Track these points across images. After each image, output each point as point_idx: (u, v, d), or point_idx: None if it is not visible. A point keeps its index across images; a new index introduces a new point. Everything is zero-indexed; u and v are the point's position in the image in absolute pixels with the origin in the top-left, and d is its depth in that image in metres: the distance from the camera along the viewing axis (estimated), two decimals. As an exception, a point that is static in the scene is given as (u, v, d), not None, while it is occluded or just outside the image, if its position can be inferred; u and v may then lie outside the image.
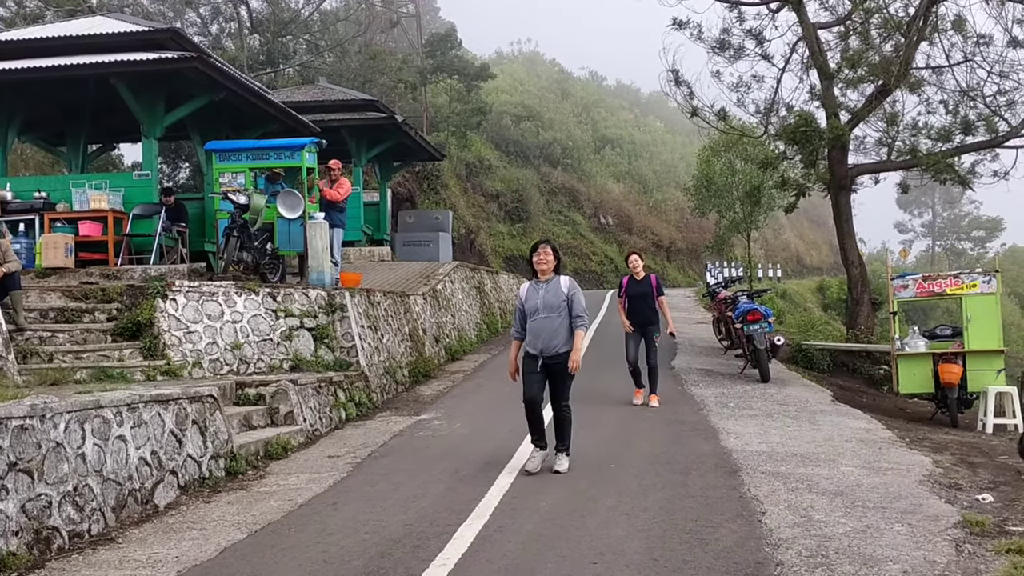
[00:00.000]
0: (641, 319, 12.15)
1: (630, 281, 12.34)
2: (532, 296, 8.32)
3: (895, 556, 5.65)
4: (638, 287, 12.21)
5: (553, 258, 8.34)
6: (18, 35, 16.39)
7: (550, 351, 8.15)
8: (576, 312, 8.18)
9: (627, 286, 12.32)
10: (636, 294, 12.17)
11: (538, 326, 8.21)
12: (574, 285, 8.38)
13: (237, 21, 35.73)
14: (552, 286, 8.27)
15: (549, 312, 8.16)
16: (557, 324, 8.15)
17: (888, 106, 20.74)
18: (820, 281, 48.53)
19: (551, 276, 8.33)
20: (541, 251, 8.36)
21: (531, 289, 8.39)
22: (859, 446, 9.43)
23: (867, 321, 20.15)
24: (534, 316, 8.24)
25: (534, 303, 8.27)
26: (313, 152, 15.17)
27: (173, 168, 30.47)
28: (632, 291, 12.23)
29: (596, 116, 56.91)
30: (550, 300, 8.19)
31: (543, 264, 8.30)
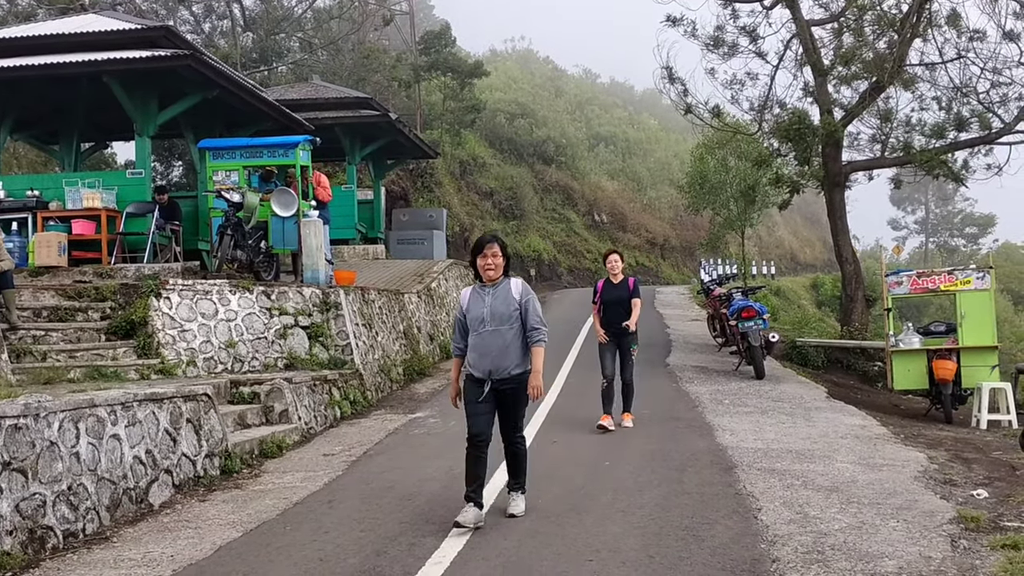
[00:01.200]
0: (617, 328, 10.39)
1: (606, 285, 10.67)
2: (476, 304, 6.69)
3: (891, 552, 5.65)
4: (615, 292, 10.54)
5: (502, 259, 6.69)
6: (10, 33, 16.32)
7: (500, 373, 6.54)
8: (532, 323, 6.59)
9: (602, 290, 10.65)
10: (612, 300, 10.51)
11: (484, 342, 6.58)
12: (527, 290, 6.75)
13: (230, 19, 35.66)
14: (501, 291, 6.64)
15: (498, 324, 6.56)
16: (508, 339, 6.56)
17: (882, 103, 20.77)
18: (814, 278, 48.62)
19: (500, 279, 6.72)
20: (488, 252, 6.66)
21: (474, 295, 6.76)
22: (854, 442, 9.45)
23: (861, 318, 20.19)
24: (479, 329, 6.61)
25: (478, 312, 6.63)
26: (307, 150, 15.16)
27: (166, 166, 30.38)
28: (608, 296, 10.56)
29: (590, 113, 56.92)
30: (499, 309, 6.59)
31: (490, 269, 6.66)
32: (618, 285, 10.58)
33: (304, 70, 34.22)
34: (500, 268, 6.67)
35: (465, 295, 6.84)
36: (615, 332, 10.40)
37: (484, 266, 6.64)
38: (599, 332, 10.52)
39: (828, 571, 5.32)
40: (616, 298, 10.49)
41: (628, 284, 10.55)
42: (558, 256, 38.68)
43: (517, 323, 6.58)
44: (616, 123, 57.38)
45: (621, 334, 10.37)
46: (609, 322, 10.44)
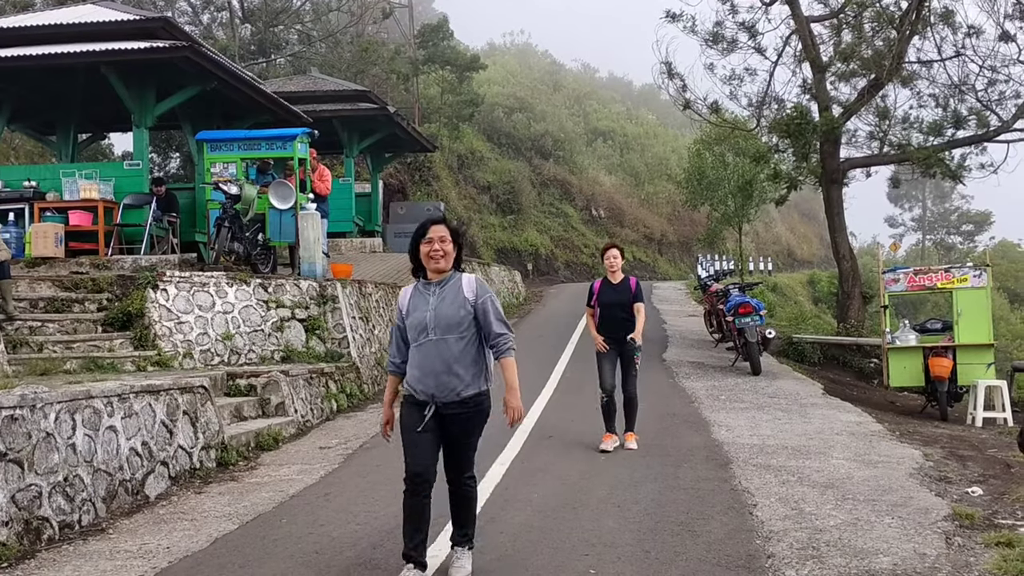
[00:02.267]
0: (615, 333, 9.03)
1: (603, 285, 9.27)
2: (418, 305, 5.24)
3: (885, 548, 5.67)
4: (614, 293, 9.13)
5: (453, 247, 5.22)
6: (7, 23, 16.26)
7: (447, 395, 5.13)
8: (494, 330, 5.17)
9: (599, 292, 9.24)
10: (611, 303, 9.10)
11: (427, 355, 5.15)
12: (484, 288, 5.28)
13: (228, 10, 35.55)
14: (449, 290, 5.22)
15: (444, 331, 5.12)
16: (458, 351, 5.13)
17: (880, 100, 20.77)
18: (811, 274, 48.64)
19: (448, 273, 5.28)
20: (434, 235, 5.20)
21: (416, 295, 5.30)
22: (850, 439, 9.47)
23: (858, 315, 20.21)
24: (420, 339, 5.18)
25: (420, 317, 5.19)
26: (305, 142, 15.14)
27: (163, 158, 30.31)
28: (606, 298, 9.15)
29: (588, 108, 56.87)
30: (446, 312, 5.15)
31: (438, 256, 5.19)
32: (618, 286, 9.15)
33: (302, 63, 34.18)
34: (449, 258, 5.18)
35: (404, 295, 5.32)
36: (615, 338, 9.02)
37: (429, 253, 5.16)
38: (597, 339, 9.12)
39: (823, 567, 5.33)
40: (615, 301, 9.06)
41: (630, 285, 9.12)
42: (555, 251, 38.68)
43: (471, 330, 5.13)
44: (614, 118, 57.36)
45: (621, 340, 8.96)
46: (607, 328, 9.10)
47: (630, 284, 9.22)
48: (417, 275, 5.34)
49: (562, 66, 68.02)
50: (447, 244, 5.16)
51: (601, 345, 9.09)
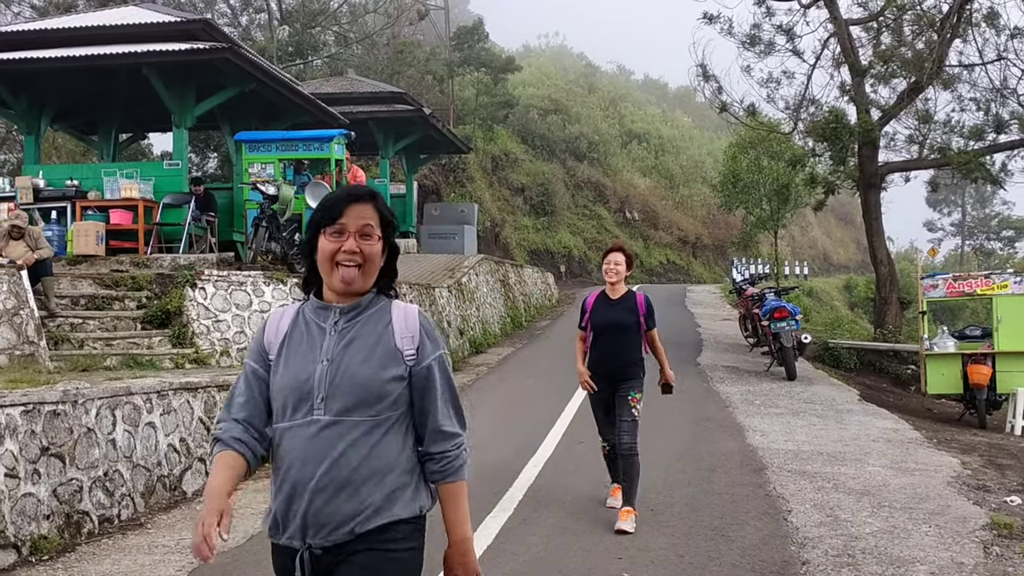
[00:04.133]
0: (611, 369, 6.67)
1: (599, 302, 6.86)
2: (299, 349, 2.70)
3: (922, 557, 5.62)
4: (611, 312, 6.72)
5: (379, 243, 2.72)
6: (51, 24, 16.54)
7: (333, 531, 2.60)
8: (439, 422, 2.70)
9: (593, 309, 6.84)
10: (608, 324, 6.70)
11: (307, 451, 2.59)
12: (433, 333, 2.76)
13: (267, 12, 35.89)
14: (367, 331, 2.69)
15: (346, 408, 2.59)
16: (368, 447, 2.59)
17: (920, 103, 20.53)
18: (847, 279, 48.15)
19: (367, 297, 2.74)
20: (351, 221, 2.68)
21: (299, 329, 2.75)
22: (886, 446, 9.38)
23: (895, 320, 19.99)
24: (298, 416, 2.62)
25: (302, 372, 2.64)
26: (342, 144, 15.26)
27: (202, 158, 30.68)
28: (601, 318, 6.75)
29: (623, 110, 56.65)
30: (355, 371, 2.61)
31: (352, 258, 2.67)
32: (618, 303, 6.74)
33: (339, 64, 34.42)
34: (372, 266, 2.72)
35: (274, 324, 2.81)
36: (606, 374, 6.65)
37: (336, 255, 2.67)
38: (583, 377, 6.78)
39: (858, 575, 5.29)
40: (613, 323, 6.67)
41: (636, 303, 6.72)
42: (588, 253, 38.60)
43: (397, 410, 2.66)
44: (649, 120, 57.10)
45: (618, 378, 6.63)
46: (598, 362, 6.71)
47: (636, 302, 6.70)
48: (309, 290, 2.79)
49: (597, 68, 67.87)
50: (372, 243, 2.65)
51: (588, 384, 6.73)
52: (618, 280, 6.74)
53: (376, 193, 2.80)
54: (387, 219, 2.78)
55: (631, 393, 6.59)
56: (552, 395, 12.32)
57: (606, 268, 6.76)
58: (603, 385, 6.71)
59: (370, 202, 2.75)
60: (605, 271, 6.78)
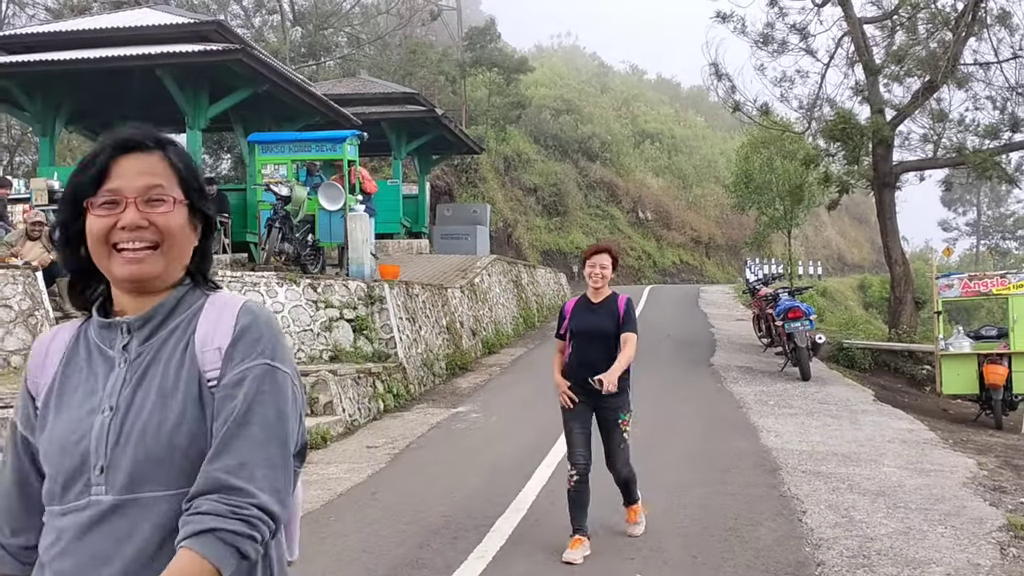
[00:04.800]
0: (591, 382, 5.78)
1: (579, 306, 6.22)
2: (75, 397, 1.69)
3: (938, 558, 5.58)
4: (592, 317, 6.06)
5: (177, 206, 1.71)
6: (65, 27, 16.63)
7: None
8: (226, 478, 1.55)
9: (572, 314, 6.19)
10: (587, 330, 6.03)
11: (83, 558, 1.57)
12: (266, 327, 1.71)
13: (279, 13, 36.02)
14: (171, 346, 1.68)
15: (134, 484, 1.59)
16: (173, 543, 1.52)
17: (934, 102, 20.43)
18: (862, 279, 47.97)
19: (176, 298, 1.73)
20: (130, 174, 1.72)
21: (75, 364, 1.72)
22: (901, 447, 9.32)
23: (910, 320, 19.90)
24: (68, 497, 1.62)
25: (75, 431, 1.64)
26: (354, 145, 15.28)
27: (215, 159, 30.81)
28: (581, 324, 6.08)
29: (636, 110, 56.63)
30: (149, 421, 1.61)
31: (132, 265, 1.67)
32: (599, 307, 6.09)
33: (352, 65, 34.51)
34: (170, 250, 1.71)
35: (43, 354, 1.77)
36: (589, 388, 5.82)
37: (115, 235, 1.67)
38: (561, 389, 6.00)
39: (874, 576, 5.26)
40: (593, 329, 6.00)
41: (617, 306, 6.04)
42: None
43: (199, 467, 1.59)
44: (662, 120, 57.04)
45: (601, 393, 5.76)
46: (578, 372, 5.92)
47: (618, 305, 6.04)
48: (85, 303, 1.80)
49: (610, 68, 67.91)
50: (165, 211, 1.72)
51: (566, 398, 5.95)
52: (602, 286, 6.07)
53: (164, 138, 1.85)
54: (186, 175, 1.77)
55: (620, 416, 5.91)
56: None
57: (590, 272, 6.08)
58: (583, 399, 5.93)
59: (155, 151, 1.79)
60: (589, 275, 6.08)
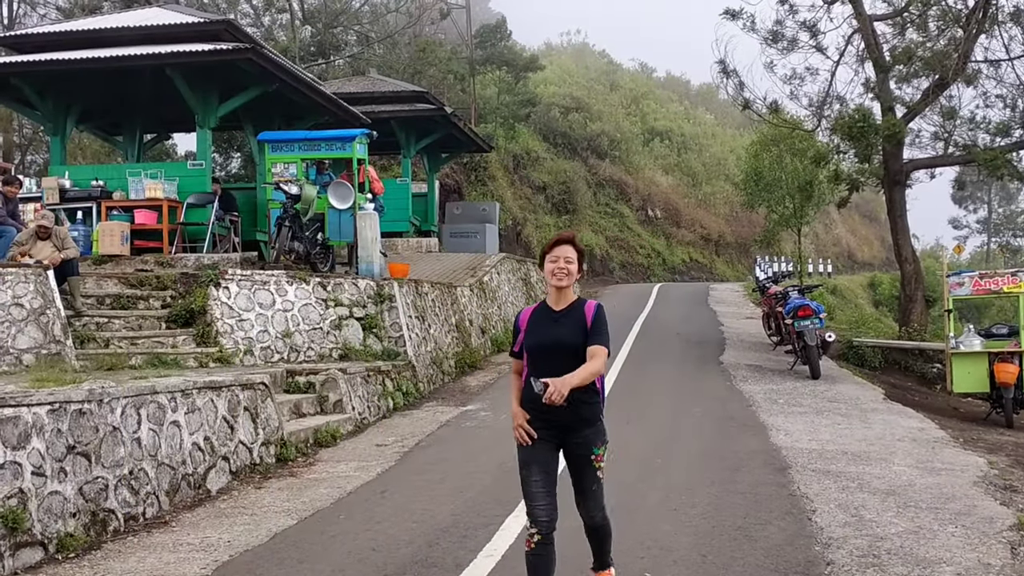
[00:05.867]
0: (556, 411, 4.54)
1: (538, 315, 4.87)
2: None
3: (948, 558, 5.56)
4: (555, 329, 4.74)
5: None
6: (76, 26, 16.68)
7: None
8: None
9: (529, 326, 4.85)
10: (548, 345, 4.73)
11: None
12: None
13: (289, 12, 36.05)
14: None
15: None
16: None
17: (945, 100, 20.35)
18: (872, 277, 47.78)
19: None
20: None
21: None
22: (912, 445, 9.29)
23: (920, 318, 19.83)
24: None
25: None
26: (364, 143, 15.29)
27: (225, 158, 30.86)
28: (539, 337, 4.78)
29: (645, 108, 56.47)
30: None
31: None
32: (563, 315, 4.77)
33: (361, 64, 34.52)
34: None
35: None
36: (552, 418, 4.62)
37: None
38: (517, 422, 4.72)
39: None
40: (556, 343, 4.69)
41: (584, 314, 4.74)
42: (610, 251, 38.53)
43: None
44: (672, 118, 56.89)
45: (570, 422, 4.67)
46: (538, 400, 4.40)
47: (585, 313, 4.74)
48: None
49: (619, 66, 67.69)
50: None
51: (522, 434, 4.67)
52: (567, 284, 4.75)
53: None
54: None
55: (593, 451, 4.73)
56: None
57: (552, 268, 4.76)
58: (545, 434, 4.64)
59: None
60: (551, 272, 4.77)
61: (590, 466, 4.82)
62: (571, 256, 4.80)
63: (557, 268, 4.77)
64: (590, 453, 4.80)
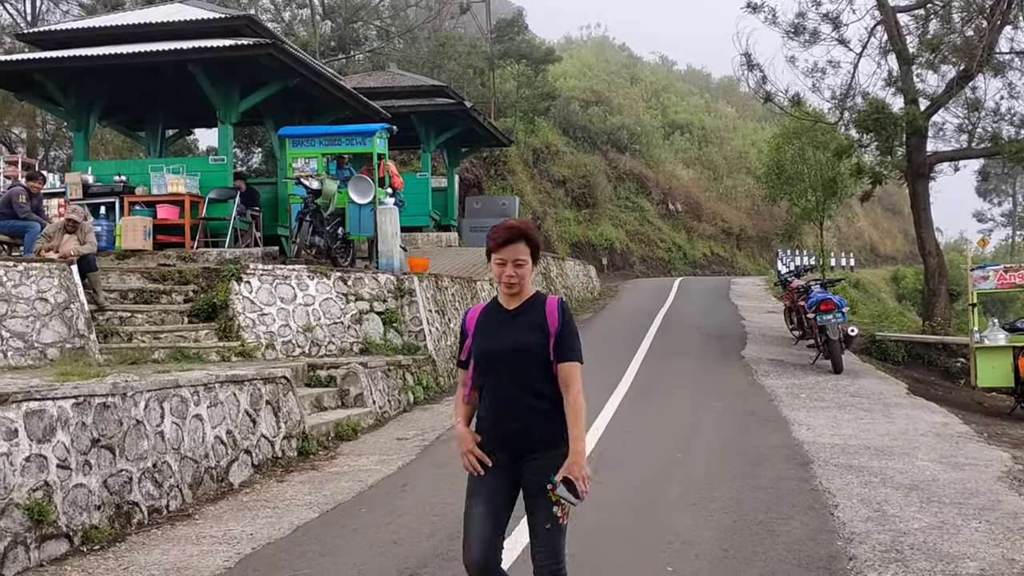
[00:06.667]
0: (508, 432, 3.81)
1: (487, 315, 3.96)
2: None
3: (972, 553, 5.52)
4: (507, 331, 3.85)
5: None
6: (99, 22, 16.80)
7: None
8: None
9: (477, 329, 3.93)
10: (501, 352, 3.82)
11: None
12: None
13: (309, 7, 36.14)
14: None
15: None
16: None
17: (969, 92, 20.13)
18: (895, 270, 47.45)
19: None
20: None
21: None
22: (935, 440, 9.22)
23: (944, 312, 19.65)
24: None
25: None
26: (384, 138, 15.32)
27: (246, 153, 30.99)
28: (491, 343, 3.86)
29: (666, 101, 56.27)
30: None
31: None
32: (518, 314, 3.91)
33: (381, 58, 34.55)
34: None
35: None
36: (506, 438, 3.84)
37: None
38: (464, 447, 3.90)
39: (907, 571, 5.22)
40: (510, 349, 3.85)
41: (545, 313, 3.86)
42: (631, 245, 38.44)
43: None
44: (692, 111, 56.65)
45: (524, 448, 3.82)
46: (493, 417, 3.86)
47: (546, 311, 3.86)
48: None
49: (639, 59, 67.50)
50: None
51: (472, 461, 3.85)
52: (519, 288, 3.82)
53: None
54: None
55: (551, 478, 3.69)
56: (594, 387, 12.28)
57: (500, 273, 3.80)
58: (501, 460, 3.79)
59: None
60: (499, 277, 3.81)
61: (543, 497, 3.72)
62: (523, 258, 3.80)
63: (507, 275, 3.80)
64: (544, 480, 3.70)
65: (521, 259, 3.80)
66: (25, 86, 15.92)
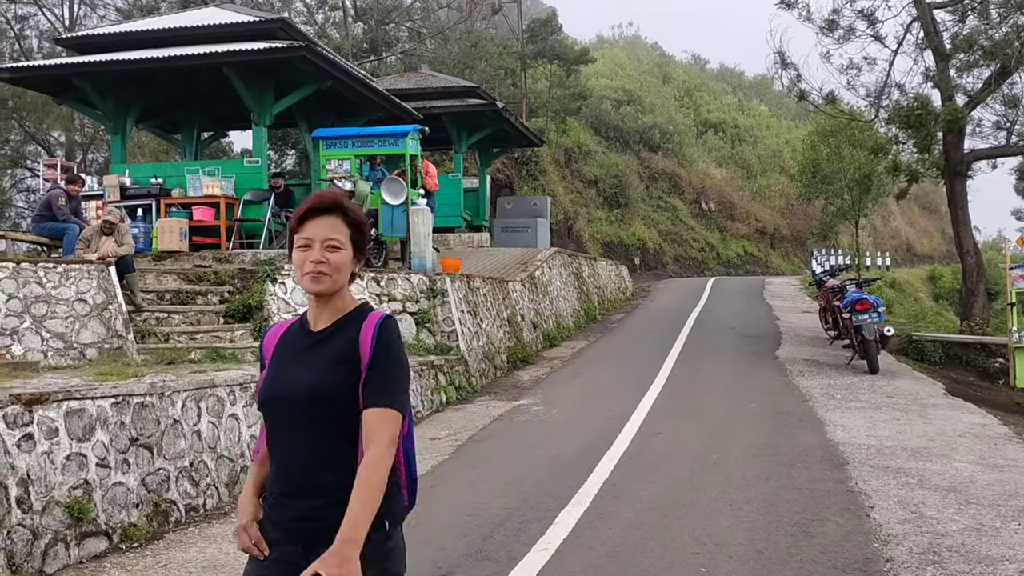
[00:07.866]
0: (295, 510, 2.57)
1: (286, 340, 2.73)
2: None
3: (1011, 555, 5.45)
4: (303, 366, 2.61)
5: None
6: (135, 27, 17.00)
7: None
8: None
9: (274, 356, 2.72)
10: (286, 397, 2.58)
11: None
12: None
13: (342, 9, 36.37)
14: None
15: None
16: None
17: (1007, 88, 19.85)
18: (932, 270, 46.86)
19: None
20: None
21: None
22: (973, 441, 9.11)
23: (982, 312, 19.39)
24: None
25: None
26: (416, 139, 15.37)
27: (280, 155, 31.25)
28: (276, 385, 2.64)
29: (698, 100, 55.95)
30: None
31: None
32: (325, 340, 2.64)
33: (413, 59, 34.69)
34: None
35: None
36: (290, 525, 2.57)
37: None
38: (241, 522, 2.67)
39: (945, 573, 5.16)
40: (297, 394, 2.57)
41: (359, 338, 2.59)
42: (663, 245, 38.28)
43: None
44: (725, 109, 56.26)
45: (315, 536, 2.48)
46: (280, 483, 2.62)
47: (360, 335, 2.61)
48: None
49: (671, 58, 67.17)
50: None
51: (245, 541, 2.65)
52: (327, 288, 2.67)
53: None
54: None
55: None
56: (627, 388, 12.27)
57: (301, 259, 2.67)
58: (282, 547, 2.61)
59: None
60: (299, 265, 2.69)
61: None
62: (337, 238, 2.68)
63: (312, 261, 2.64)
64: None
65: (334, 240, 2.65)
66: (64, 90, 16.16)
